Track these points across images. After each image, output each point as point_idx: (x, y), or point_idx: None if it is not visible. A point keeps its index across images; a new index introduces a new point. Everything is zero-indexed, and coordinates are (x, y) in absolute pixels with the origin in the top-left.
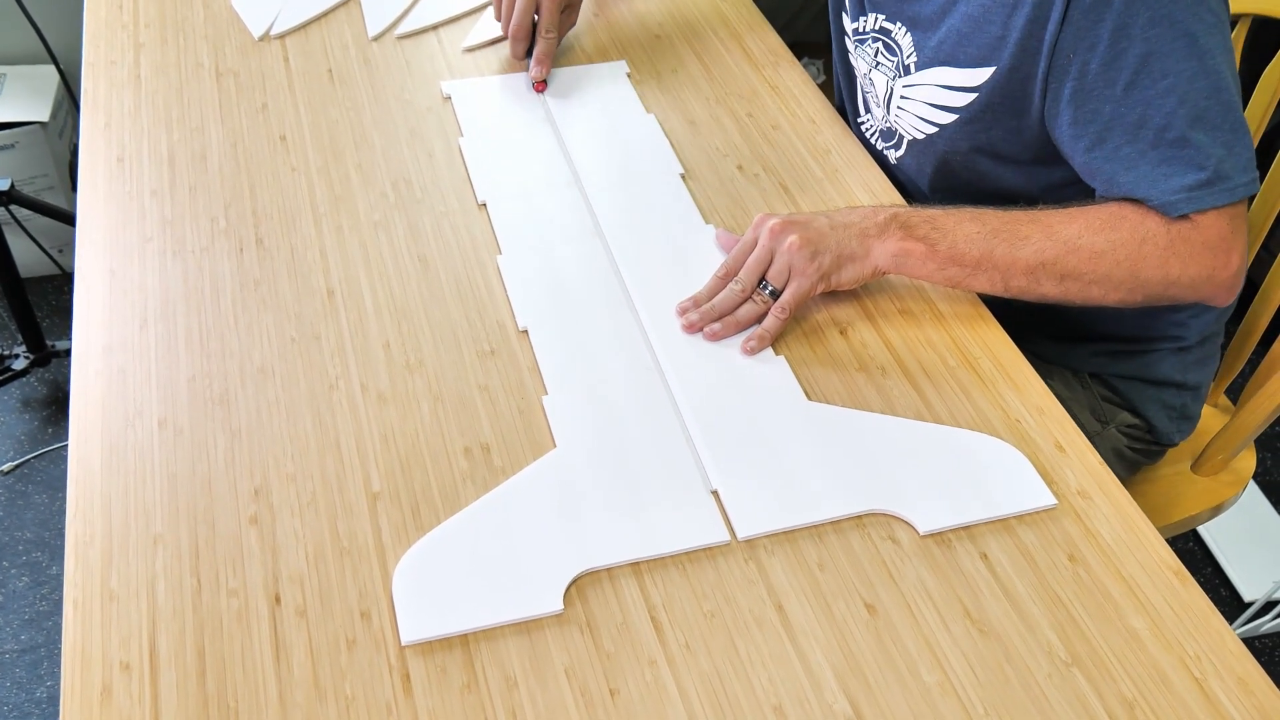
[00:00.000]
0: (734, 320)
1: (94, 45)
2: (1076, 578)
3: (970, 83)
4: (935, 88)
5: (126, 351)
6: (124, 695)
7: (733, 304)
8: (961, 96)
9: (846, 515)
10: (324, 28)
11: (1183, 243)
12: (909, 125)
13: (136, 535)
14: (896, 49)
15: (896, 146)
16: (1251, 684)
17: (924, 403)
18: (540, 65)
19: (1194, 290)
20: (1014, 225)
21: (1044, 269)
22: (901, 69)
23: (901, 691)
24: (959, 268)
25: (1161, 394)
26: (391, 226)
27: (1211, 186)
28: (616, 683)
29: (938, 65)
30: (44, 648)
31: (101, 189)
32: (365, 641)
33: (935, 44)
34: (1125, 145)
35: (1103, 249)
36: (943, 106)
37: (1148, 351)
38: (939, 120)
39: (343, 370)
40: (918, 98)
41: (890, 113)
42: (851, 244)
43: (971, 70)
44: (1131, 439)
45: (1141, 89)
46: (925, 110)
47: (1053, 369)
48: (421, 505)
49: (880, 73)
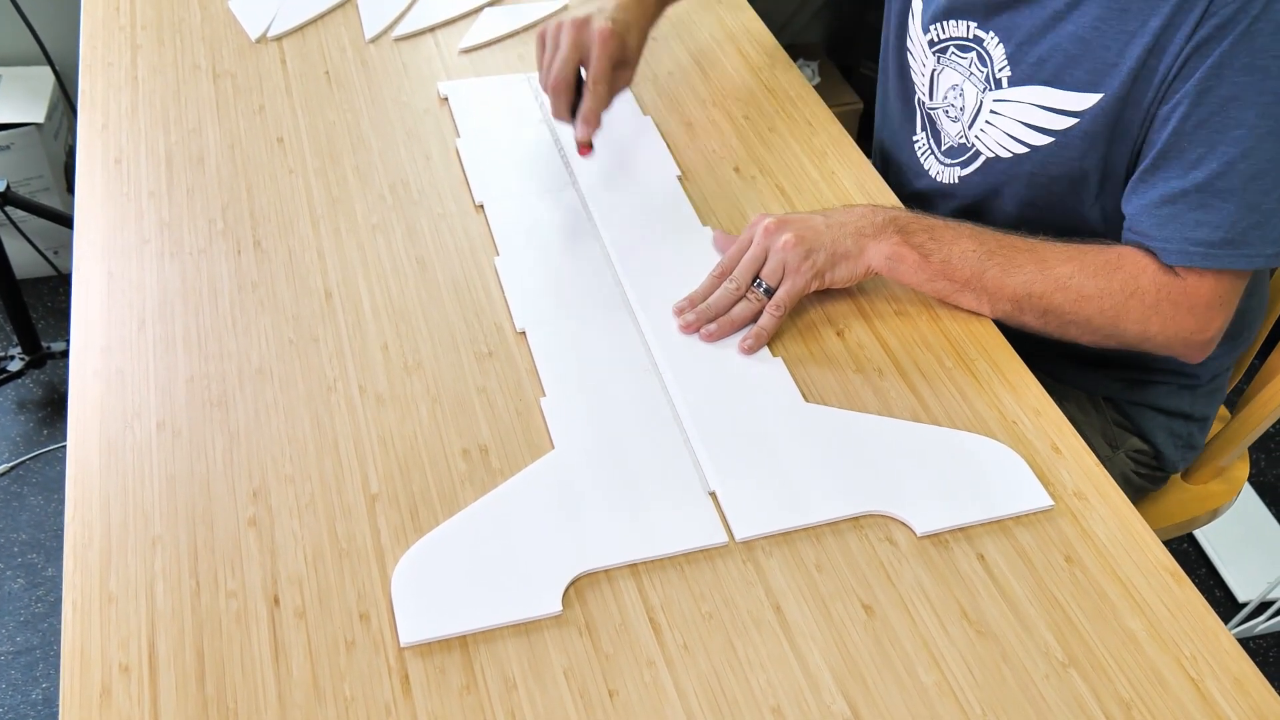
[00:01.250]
0: (729, 320)
1: (91, 46)
2: (1073, 579)
3: (1073, 107)
4: (1031, 107)
5: (125, 353)
6: (123, 697)
7: (728, 303)
8: (1060, 120)
9: (844, 516)
10: (321, 30)
11: (1168, 303)
12: (994, 143)
13: (135, 537)
14: (988, 59)
15: (965, 165)
16: (1247, 684)
17: (920, 404)
18: (587, 124)
19: (1167, 348)
20: (1010, 252)
21: (1029, 300)
22: (992, 82)
23: (899, 692)
24: (948, 282)
25: (1170, 423)
26: (389, 228)
27: (1229, 249)
28: (615, 684)
29: (1037, 84)
30: (39, 649)
31: (99, 190)
32: (364, 643)
33: (1035, 61)
34: (1174, 179)
35: (1090, 294)
36: (1038, 128)
37: (1160, 384)
38: (1032, 141)
39: (341, 372)
40: (1010, 115)
41: (974, 128)
42: (846, 242)
43: (1076, 94)
44: (1139, 464)
45: (1211, 130)
46: (1017, 129)
47: (1068, 391)
48: (420, 507)
49: (972, 84)
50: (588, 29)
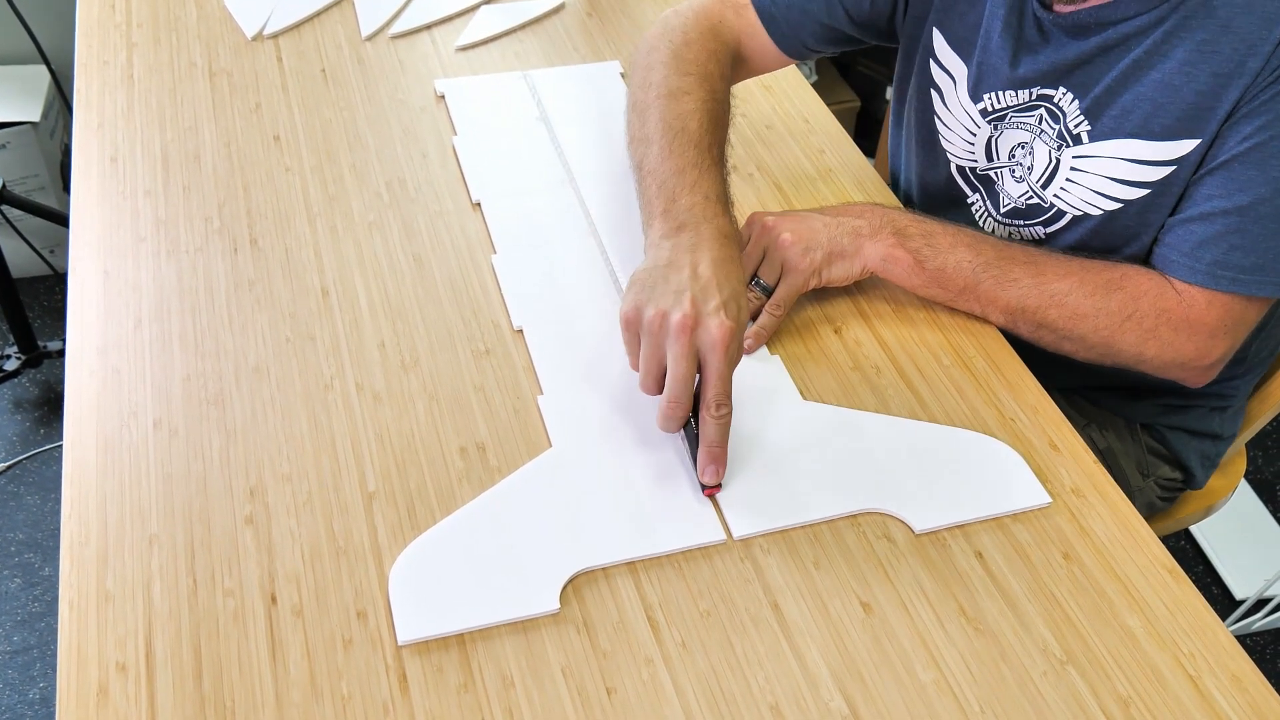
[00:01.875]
0: None
1: (86, 45)
2: (1071, 576)
3: (1165, 156)
4: (1118, 161)
5: (121, 352)
6: (120, 696)
7: None
8: (1154, 170)
9: (842, 514)
10: (317, 27)
11: (1168, 329)
12: (1079, 200)
13: (132, 536)
14: (1060, 115)
15: (1049, 223)
16: (1245, 681)
17: (918, 402)
18: (715, 464)
19: (1163, 371)
20: (1008, 263)
21: (1023, 313)
22: (1069, 138)
23: (897, 689)
24: (940, 289)
25: (1202, 445)
26: (386, 226)
27: (1261, 274)
28: (613, 682)
29: (1122, 137)
30: (36, 649)
31: (95, 189)
32: (362, 641)
33: (1119, 113)
34: (1218, 198)
35: (1086, 312)
36: (1128, 181)
37: (1196, 407)
38: (1122, 195)
39: (338, 370)
40: (1095, 171)
41: (1051, 187)
42: (844, 240)
43: (1168, 143)
44: (1165, 490)
45: (1265, 153)
46: (1104, 185)
47: (1109, 418)
48: (417, 505)
49: (1043, 143)
50: (703, 331)
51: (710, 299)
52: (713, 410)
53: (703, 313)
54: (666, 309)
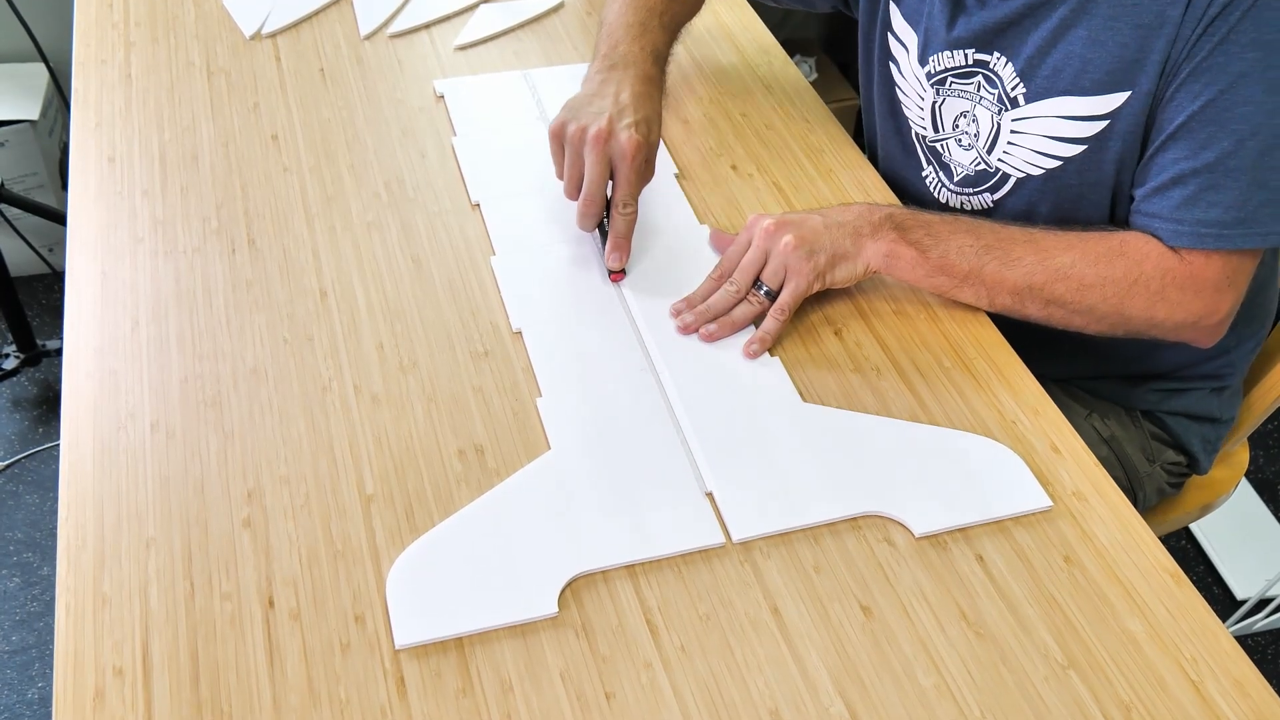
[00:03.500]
0: (730, 321)
1: (84, 44)
2: (1072, 580)
3: (1099, 110)
4: (1054, 119)
5: (118, 353)
6: (117, 700)
7: (728, 305)
8: (1089, 126)
9: (842, 517)
10: (315, 27)
11: (1174, 288)
12: (1021, 162)
13: (129, 538)
14: (997, 81)
15: (994, 189)
16: (1248, 686)
17: (919, 404)
18: (619, 251)
19: (1176, 333)
20: (1009, 244)
21: (1030, 292)
22: (1006, 102)
23: (898, 694)
24: (946, 278)
25: (1203, 429)
26: (384, 227)
27: (1243, 227)
28: (612, 686)
29: (1056, 95)
30: (35, 649)
31: (92, 189)
32: (359, 645)
33: (1050, 72)
34: (1184, 160)
35: (1093, 282)
36: (1066, 139)
37: (1195, 389)
38: (1062, 153)
39: (336, 372)
40: (1033, 131)
41: (995, 152)
42: (845, 242)
43: (1100, 97)
44: (1172, 475)
45: (1219, 108)
46: (1043, 144)
47: (1110, 407)
48: (415, 508)
49: (984, 108)
50: (615, 142)
51: (625, 118)
52: (620, 208)
53: (616, 128)
54: (586, 124)
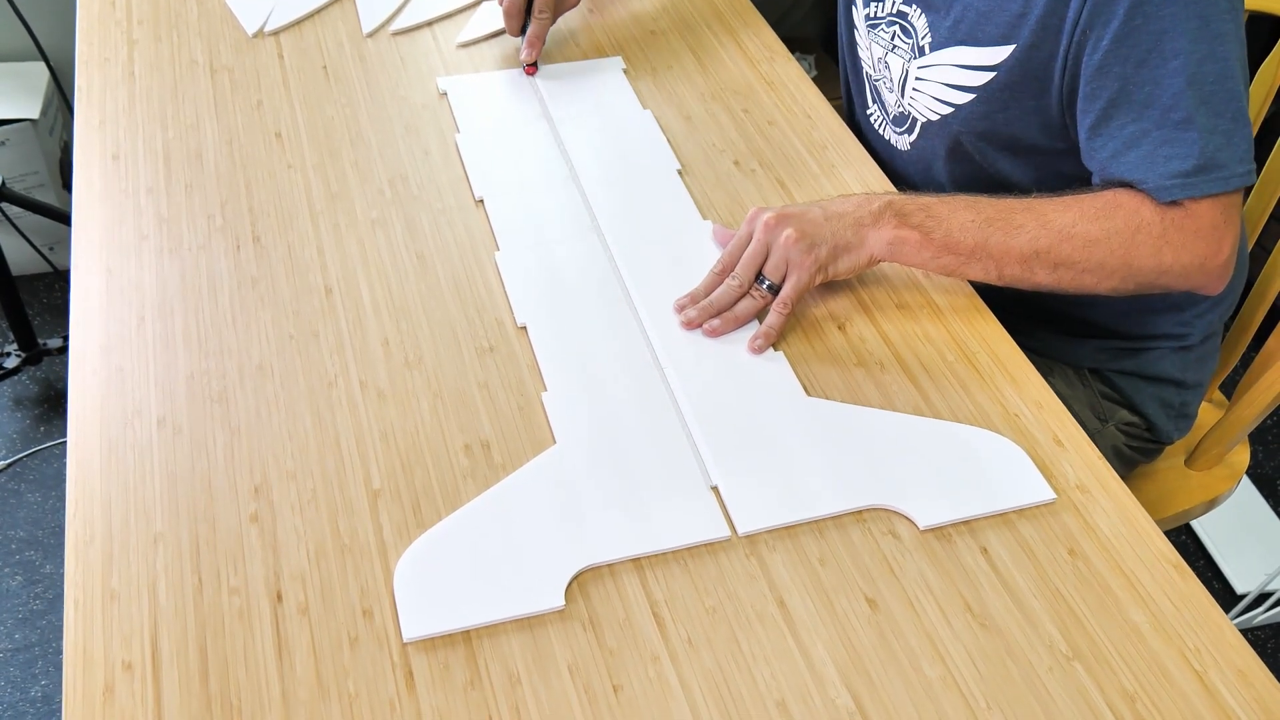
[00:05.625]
0: (733, 316)
1: (87, 42)
2: (1076, 571)
3: (988, 61)
4: (952, 68)
5: (124, 350)
6: (126, 695)
7: (730, 299)
8: (979, 76)
9: (847, 510)
10: (318, 24)
11: (1176, 231)
12: (924, 107)
13: (137, 534)
14: (912, 31)
15: (909, 131)
16: (1251, 676)
17: (922, 398)
18: (530, 47)
19: (1185, 278)
20: (1008, 214)
21: (1038, 257)
22: (917, 50)
23: (903, 685)
24: (953, 256)
25: (1161, 391)
26: (389, 224)
27: (1207, 174)
28: (620, 679)
29: (954, 45)
30: (38, 646)
31: (97, 187)
32: (367, 639)
33: (951, 23)
34: (1130, 123)
35: (1097, 237)
36: (959, 86)
37: (1149, 349)
38: (955, 100)
39: (342, 368)
40: (934, 78)
41: (905, 96)
42: (847, 234)
43: (990, 49)
44: (1130, 436)
45: (1151, 67)
46: (941, 91)
47: (1054, 365)
48: (422, 502)
49: (896, 55)
50: None
51: None
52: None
53: None
54: None
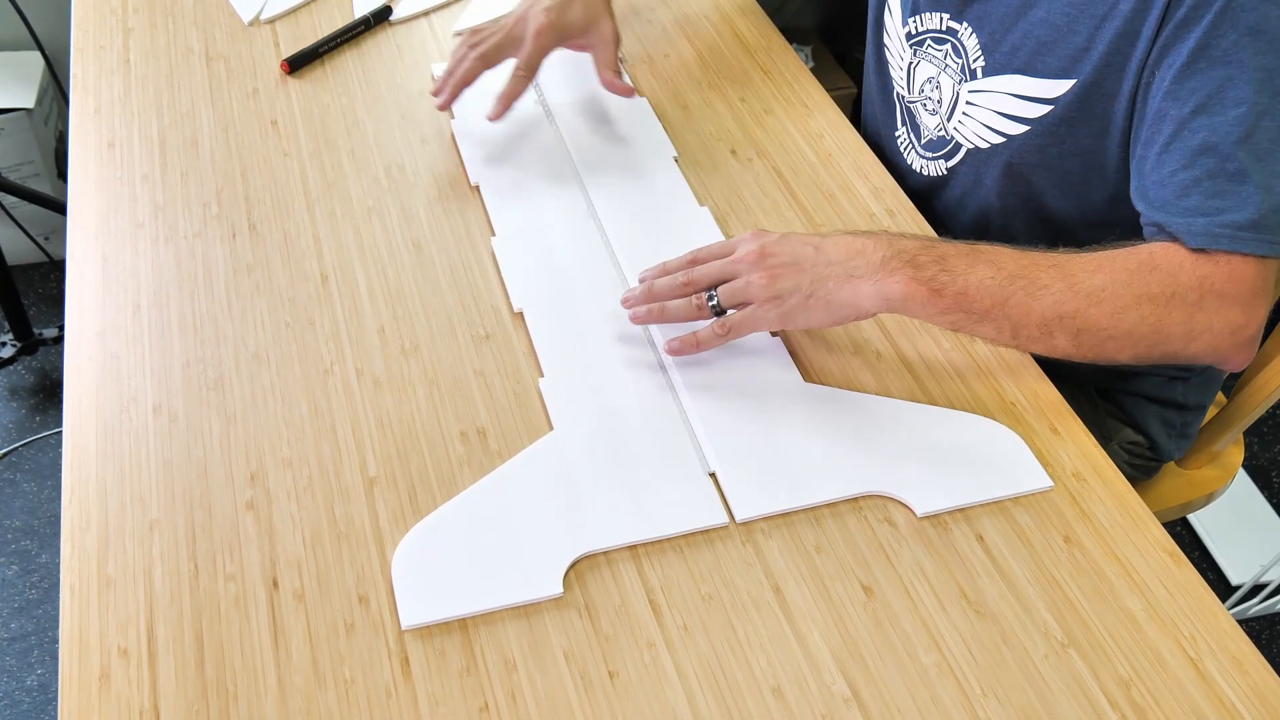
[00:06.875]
0: (660, 310)
1: (82, 30)
2: (1072, 559)
3: (1046, 94)
4: (1007, 96)
5: (120, 337)
6: (122, 681)
7: (668, 294)
8: (1035, 107)
9: (843, 497)
10: (314, 12)
11: (1214, 296)
12: (972, 134)
13: (133, 521)
14: (962, 50)
15: (947, 157)
16: (1246, 664)
17: (919, 386)
18: (502, 103)
19: (1213, 349)
20: (1033, 271)
21: (1060, 322)
22: (968, 72)
23: (899, 672)
24: (963, 314)
25: (1164, 412)
26: (385, 211)
27: (1259, 232)
28: (615, 665)
29: (1010, 73)
30: (34, 635)
31: (92, 175)
32: (364, 625)
33: (1009, 49)
34: (1182, 170)
35: (1128, 303)
36: (1014, 116)
37: (1151, 374)
38: (1008, 130)
39: (338, 355)
40: (986, 105)
41: (952, 120)
42: (827, 284)
43: (1049, 81)
44: (1133, 455)
45: (1210, 114)
46: (994, 119)
47: (1059, 383)
48: (419, 489)
49: (948, 76)
50: (524, 24)
51: None
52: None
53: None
54: None
